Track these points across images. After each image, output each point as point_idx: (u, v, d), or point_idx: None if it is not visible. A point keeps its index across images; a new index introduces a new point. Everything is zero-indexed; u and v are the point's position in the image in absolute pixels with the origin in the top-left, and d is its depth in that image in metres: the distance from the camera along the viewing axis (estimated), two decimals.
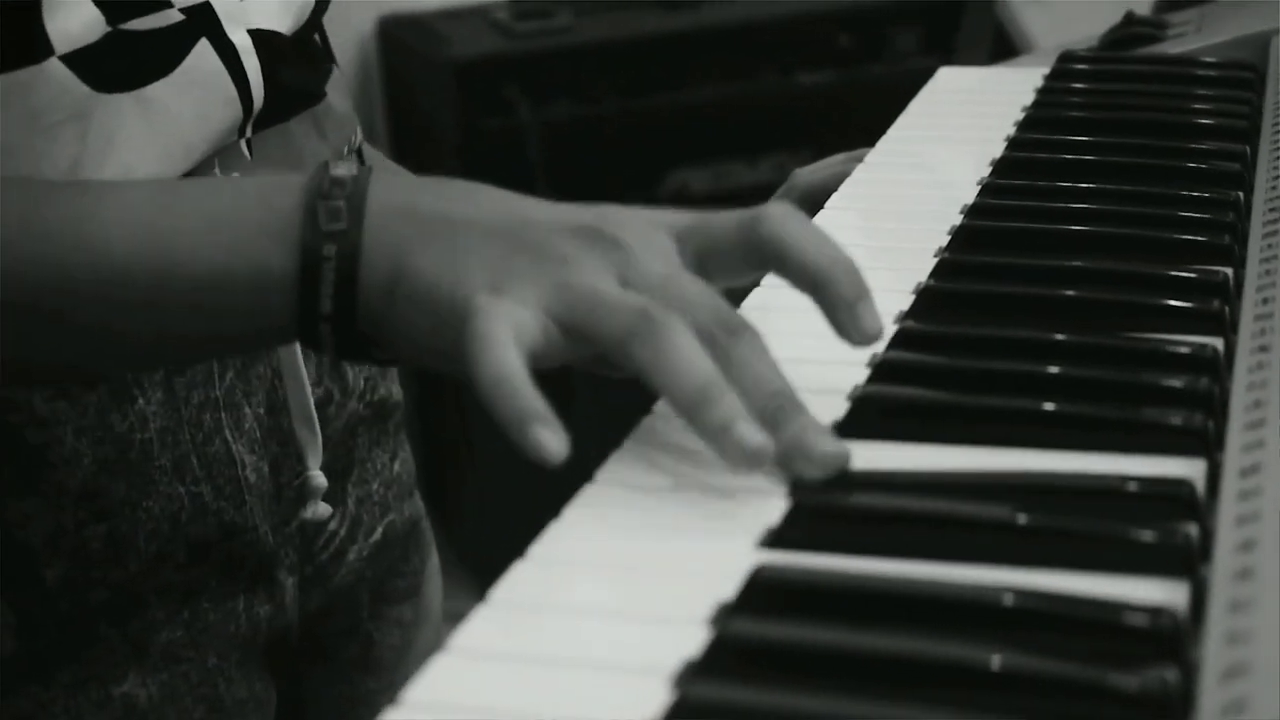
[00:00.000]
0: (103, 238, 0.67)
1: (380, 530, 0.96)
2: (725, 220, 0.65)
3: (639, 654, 0.50)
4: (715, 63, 2.61)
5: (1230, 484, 0.55)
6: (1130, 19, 1.18)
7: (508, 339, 0.60)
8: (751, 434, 0.58)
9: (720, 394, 0.59)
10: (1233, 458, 0.57)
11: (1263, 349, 0.64)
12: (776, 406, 0.60)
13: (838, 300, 0.63)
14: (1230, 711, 0.43)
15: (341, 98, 0.92)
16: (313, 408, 0.86)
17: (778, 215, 0.64)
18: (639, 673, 0.49)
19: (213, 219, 0.67)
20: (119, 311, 0.68)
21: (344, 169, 0.66)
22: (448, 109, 2.49)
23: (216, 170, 0.81)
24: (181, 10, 0.79)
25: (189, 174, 0.79)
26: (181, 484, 0.82)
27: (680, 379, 0.59)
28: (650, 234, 0.64)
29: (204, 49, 0.79)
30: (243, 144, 0.83)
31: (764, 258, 0.64)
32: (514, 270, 0.62)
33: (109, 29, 0.76)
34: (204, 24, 0.80)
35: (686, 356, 0.59)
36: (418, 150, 2.59)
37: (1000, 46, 2.19)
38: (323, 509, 0.88)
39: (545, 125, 2.52)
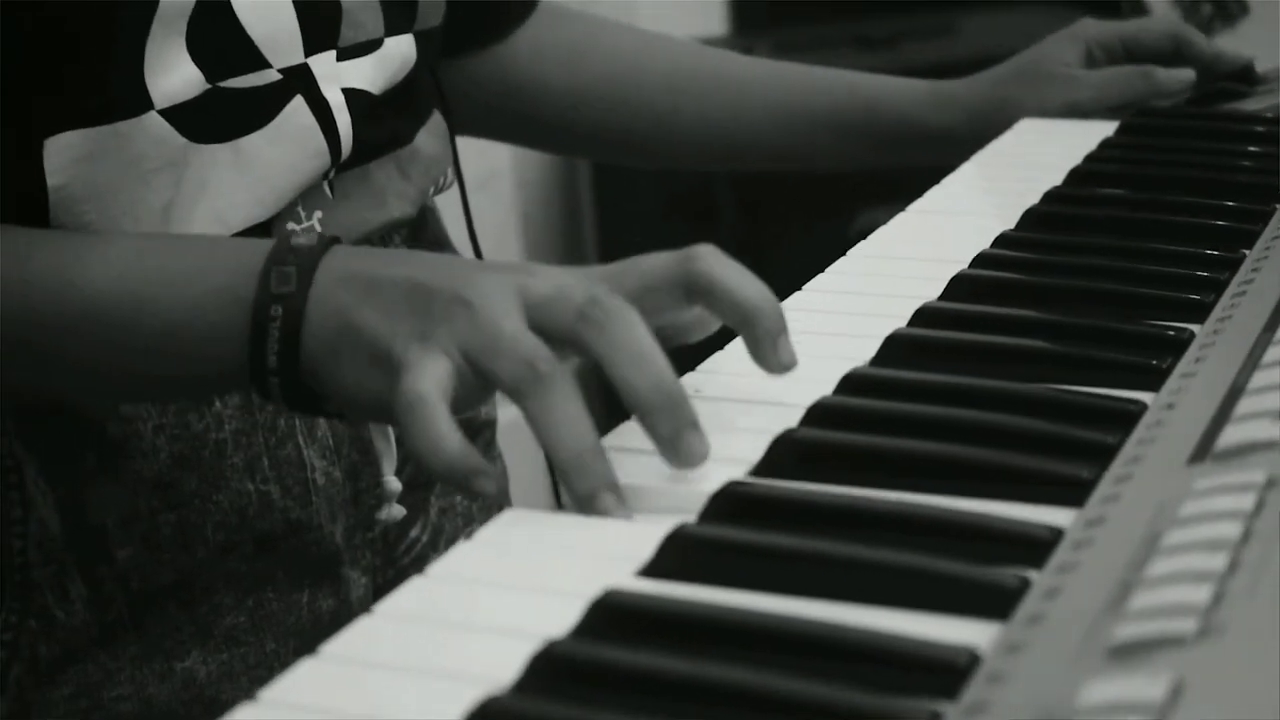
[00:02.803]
0: (85, 289, 0.75)
1: (463, 540, 1.02)
2: (657, 259, 0.69)
3: (481, 667, 0.53)
4: None
5: (1073, 532, 0.56)
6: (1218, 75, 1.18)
7: (437, 401, 0.65)
8: (611, 505, 0.63)
9: (590, 464, 0.64)
10: (1091, 508, 0.58)
11: (1169, 406, 0.65)
12: (656, 404, 0.64)
13: (761, 336, 0.68)
14: None
15: (435, 141, 0.97)
16: None
17: (708, 254, 0.69)
18: (473, 684, 0.52)
19: (180, 277, 0.75)
20: (96, 351, 0.76)
21: (305, 239, 0.72)
22: None
23: (299, 210, 0.87)
24: (280, 70, 0.84)
25: (276, 216, 0.86)
26: (251, 482, 0.88)
27: (558, 445, 0.64)
28: (560, 270, 0.69)
29: (298, 104, 0.85)
30: (325, 185, 0.88)
31: (694, 292, 0.69)
32: (434, 315, 0.67)
33: (208, 86, 0.81)
34: (300, 83, 0.85)
35: (564, 421, 0.64)
36: (616, 190, 2.64)
37: None
38: (396, 510, 0.93)
39: None
